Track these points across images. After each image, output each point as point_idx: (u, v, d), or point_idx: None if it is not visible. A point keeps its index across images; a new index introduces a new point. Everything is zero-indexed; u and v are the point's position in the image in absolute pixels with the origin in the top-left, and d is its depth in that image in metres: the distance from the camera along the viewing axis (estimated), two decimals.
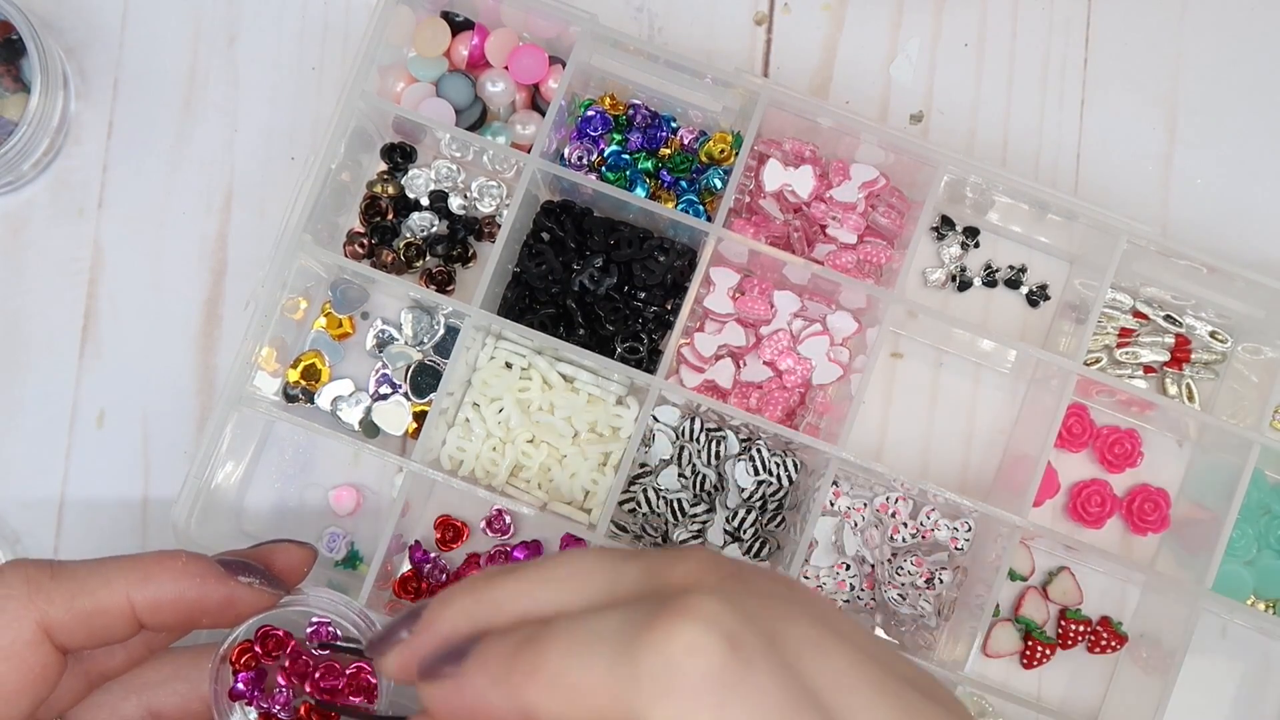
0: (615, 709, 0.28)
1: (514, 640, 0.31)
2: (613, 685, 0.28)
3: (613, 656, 0.28)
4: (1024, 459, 0.58)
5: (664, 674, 0.27)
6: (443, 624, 0.33)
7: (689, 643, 0.27)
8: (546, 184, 0.60)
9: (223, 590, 0.42)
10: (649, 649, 0.27)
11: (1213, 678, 0.61)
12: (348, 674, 0.46)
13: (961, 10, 0.64)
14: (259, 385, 0.59)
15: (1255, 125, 0.63)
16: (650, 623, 0.28)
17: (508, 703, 0.30)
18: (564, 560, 0.33)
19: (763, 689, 0.27)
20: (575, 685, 0.28)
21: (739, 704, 0.27)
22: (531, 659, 0.29)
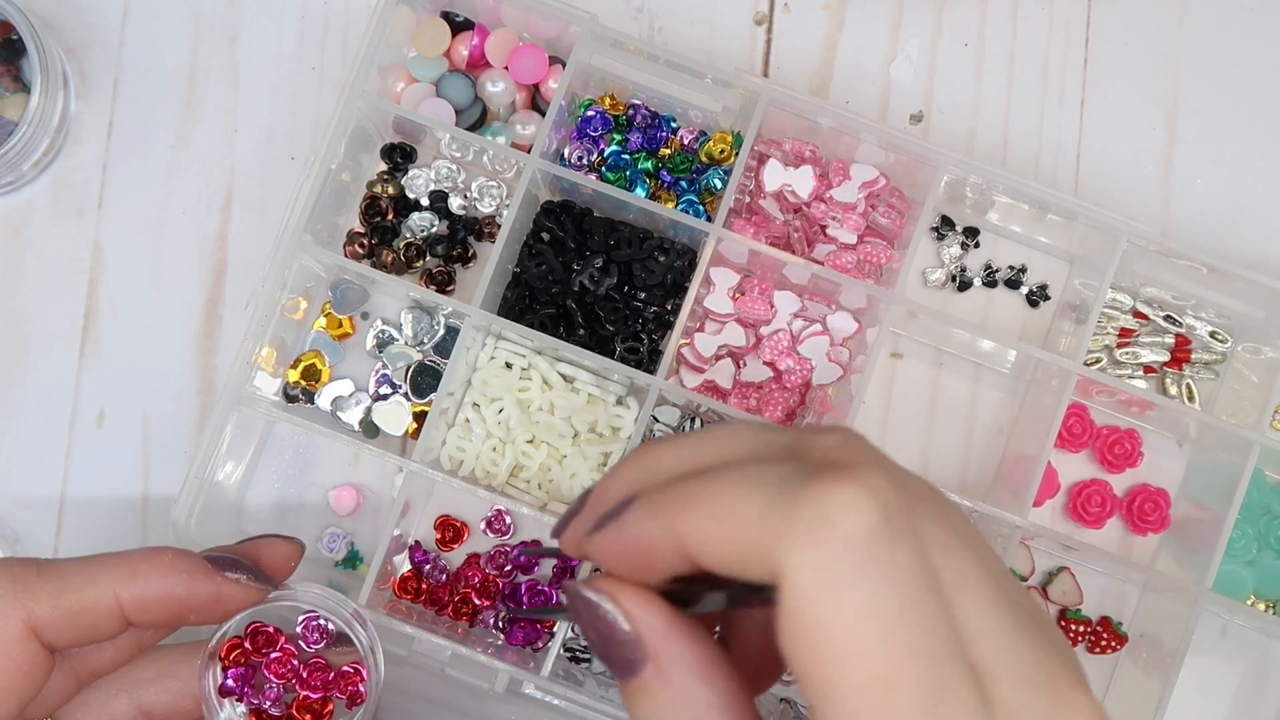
0: (760, 544, 0.28)
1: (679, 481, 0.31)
2: (765, 521, 0.28)
3: (773, 497, 0.28)
4: (1024, 459, 0.58)
5: (817, 522, 0.28)
6: (609, 492, 0.34)
7: (849, 501, 0.28)
8: (546, 184, 0.60)
9: (210, 586, 0.42)
10: (810, 497, 0.28)
11: (1213, 678, 0.61)
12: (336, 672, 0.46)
13: (961, 10, 0.64)
14: (259, 385, 0.59)
15: (1255, 125, 0.63)
16: (817, 475, 0.28)
17: (662, 531, 0.30)
18: (718, 427, 0.34)
19: (902, 564, 0.28)
20: (730, 514, 0.29)
21: (877, 571, 0.27)
22: (692, 490, 0.30)
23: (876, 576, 0.27)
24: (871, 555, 0.27)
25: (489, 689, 0.56)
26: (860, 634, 0.27)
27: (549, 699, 0.56)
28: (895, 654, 0.27)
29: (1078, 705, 0.29)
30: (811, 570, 0.27)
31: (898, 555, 0.28)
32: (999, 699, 0.28)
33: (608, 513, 0.33)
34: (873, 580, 0.27)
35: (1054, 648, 0.30)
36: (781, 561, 0.28)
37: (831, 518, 0.28)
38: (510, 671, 0.55)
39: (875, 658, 0.27)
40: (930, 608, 0.28)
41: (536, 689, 0.56)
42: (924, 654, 0.27)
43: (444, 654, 0.56)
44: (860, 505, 0.28)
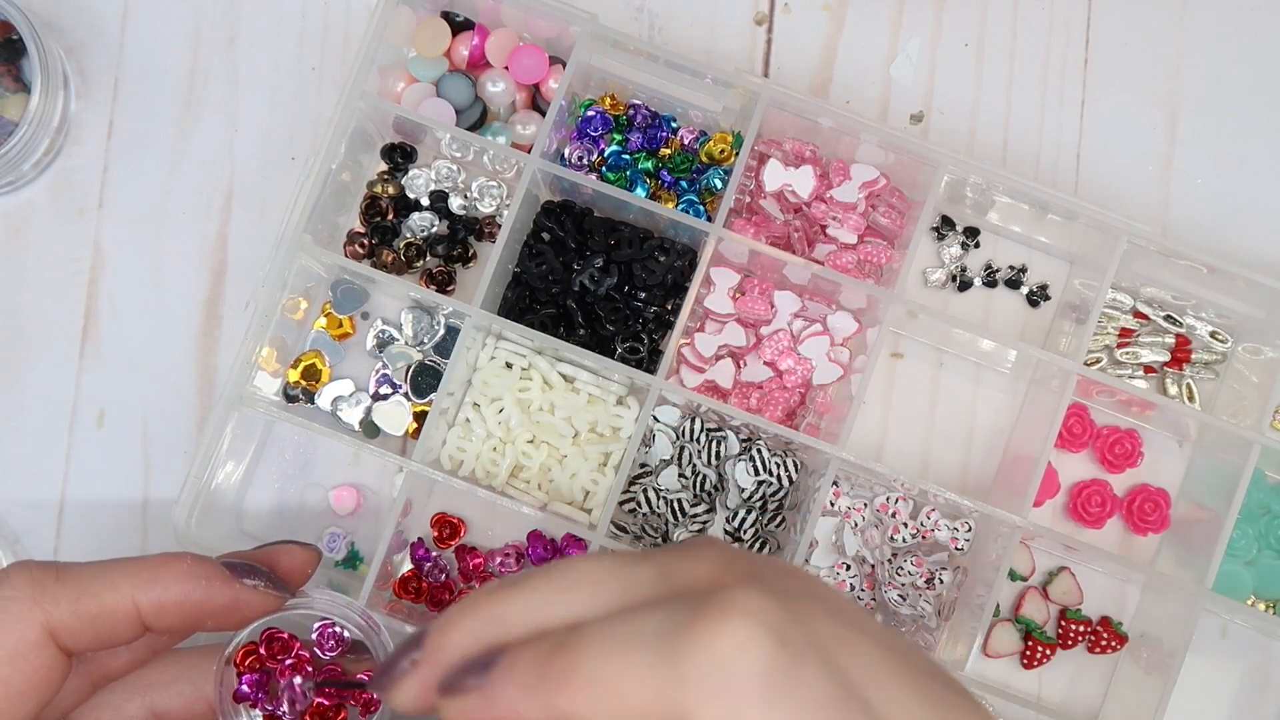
0: (659, 710, 0.27)
1: (544, 647, 0.30)
2: (657, 685, 0.27)
3: (655, 656, 0.27)
4: (1024, 459, 0.58)
5: (712, 672, 0.26)
6: (451, 646, 0.32)
7: (738, 639, 0.27)
8: (546, 184, 0.60)
9: (228, 593, 0.42)
10: (695, 647, 0.27)
11: (1213, 678, 0.61)
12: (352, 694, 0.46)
13: (961, 10, 0.64)
14: (259, 385, 0.59)
15: (1255, 125, 0.63)
16: (693, 621, 0.27)
17: (543, 711, 0.29)
18: (569, 568, 0.32)
19: (811, 684, 0.27)
20: (615, 687, 0.28)
21: (789, 700, 0.26)
22: (566, 663, 0.29)
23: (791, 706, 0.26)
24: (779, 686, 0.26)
25: None
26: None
27: None
28: None
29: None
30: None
31: (804, 676, 0.27)
32: None
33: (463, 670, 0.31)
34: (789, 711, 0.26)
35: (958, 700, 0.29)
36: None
37: (723, 661, 0.26)
38: None
39: None
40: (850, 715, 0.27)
41: None
42: None
43: None
44: (749, 640, 0.27)
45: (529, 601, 0.32)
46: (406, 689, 0.33)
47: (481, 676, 0.30)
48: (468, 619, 0.32)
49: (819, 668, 0.27)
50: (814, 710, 0.26)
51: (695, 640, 0.27)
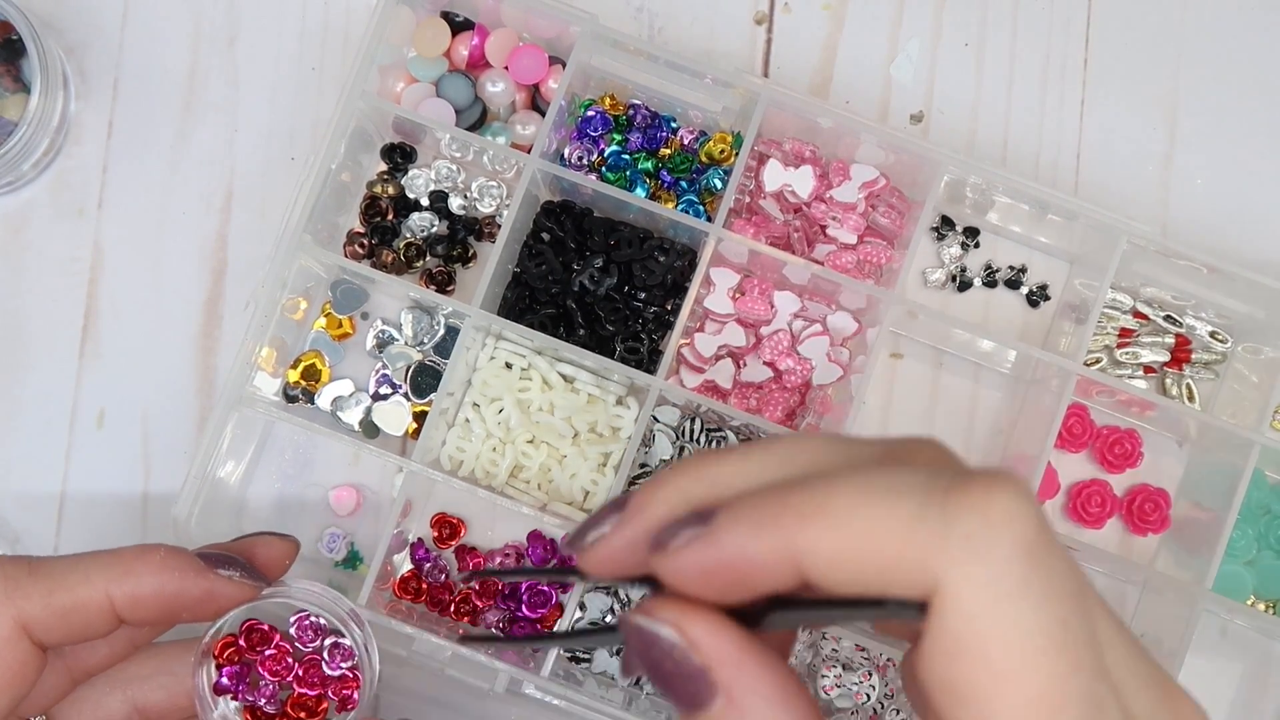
0: (909, 562, 0.26)
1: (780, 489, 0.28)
2: (914, 536, 0.26)
3: (919, 507, 0.26)
4: (1024, 459, 0.58)
5: (978, 534, 0.26)
6: (660, 504, 0.30)
7: (1009, 510, 0.26)
8: (546, 184, 0.60)
9: (202, 583, 0.42)
10: (966, 508, 0.26)
11: (1213, 678, 0.61)
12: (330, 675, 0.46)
13: (961, 10, 0.64)
14: (259, 385, 0.59)
15: (1255, 125, 0.63)
16: (964, 483, 0.26)
17: (776, 547, 0.27)
18: (784, 439, 0.31)
19: (1061, 575, 0.27)
20: (868, 530, 0.27)
21: (1041, 584, 0.26)
22: (813, 501, 0.27)
23: (1041, 590, 0.26)
24: (1035, 567, 0.26)
25: (489, 689, 0.56)
26: (1027, 650, 0.26)
27: (549, 699, 0.56)
28: (1062, 670, 0.26)
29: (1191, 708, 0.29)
30: (974, 585, 0.26)
31: (1057, 566, 0.27)
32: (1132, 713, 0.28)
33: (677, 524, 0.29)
34: (1038, 594, 0.26)
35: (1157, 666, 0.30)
36: (940, 577, 0.26)
37: (994, 529, 0.26)
38: (510, 671, 0.55)
39: (1042, 674, 0.26)
40: (1086, 620, 0.27)
41: (536, 689, 0.56)
42: (1086, 669, 0.26)
43: (444, 654, 0.56)
44: (1020, 514, 0.26)
45: (747, 463, 0.30)
46: (607, 547, 0.31)
47: (700, 525, 0.29)
48: (679, 478, 0.30)
49: (1068, 564, 0.27)
50: (1059, 600, 0.26)
51: (967, 501, 0.26)
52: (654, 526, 0.30)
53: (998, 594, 0.26)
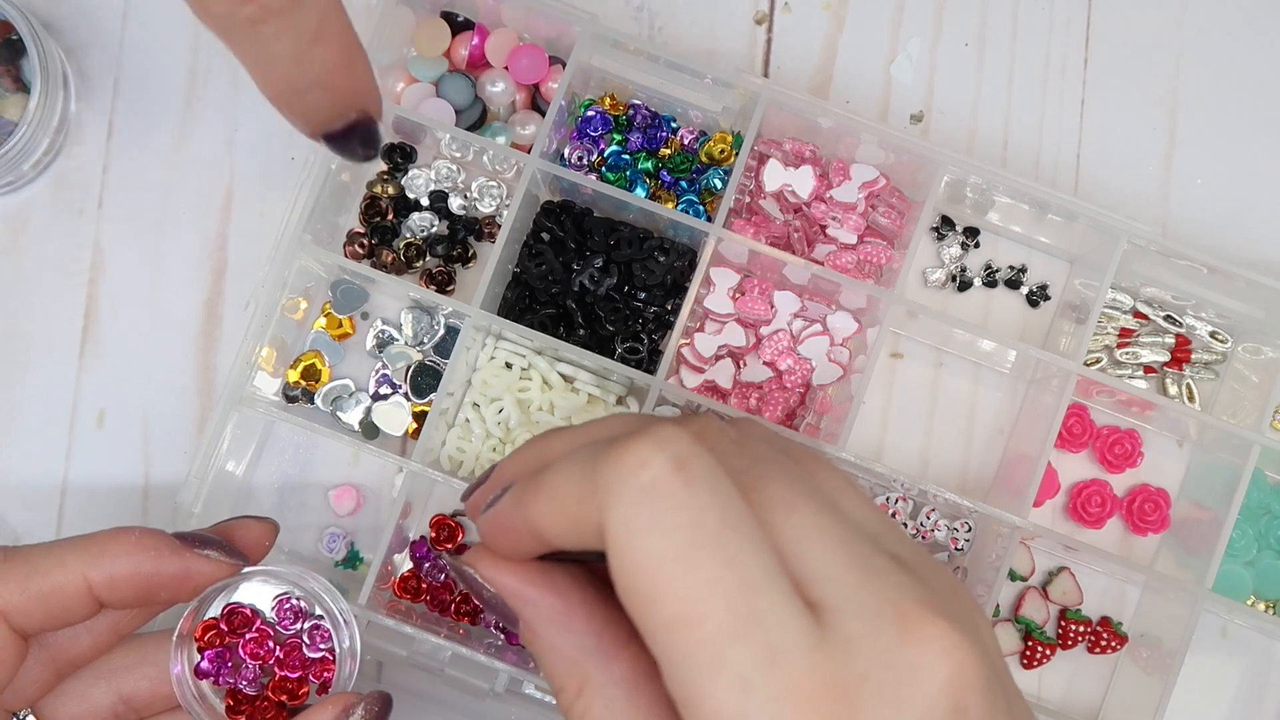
0: (586, 514, 0.31)
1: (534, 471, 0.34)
2: (582, 494, 0.31)
3: (583, 471, 0.31)
4: (1024, 459, 0.58)
5: (614, 483, 0.30)
6: (505, 471, 0.37)
7: (638, 457, 0.30)
8: (546, 184, 0.60)
9: (178, 562, 0.43)
10: (605, 462, 0.30)
11: (1213, 678, 0.61)
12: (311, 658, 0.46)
13: (961, 10, 0.64)
14: (259, 385, 0.59)
15: (1255, 125, 0.63)
16: (616, 442, 0.31)
17: (521, 519, 0.33)
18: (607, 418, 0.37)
19: (696, 505, 0.29)
20: (558, 496, 0.32)
21: (669, 515, 0.29)
22: (537, 480, 0.33)
23: (669, 519, 0.29)
24: (662, 501, 0.29)
25: (489, 689, 0.56)
26: (661, 574, 0.29)
27: (549, 699, 0.56)
28: (693, 587, 0.29)
29: (930, 636, 0.29)
30: (617, 526, 0.30)
31: (690, 498, 0.30)
32: (838, 629, 0.29)
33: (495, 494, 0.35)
34: (665, 523, 0.29)
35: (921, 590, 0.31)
36: (600, 525, 0.30)
37: (622, 474, 0.30)
38: (510, 671, 0.55)
39: (676, 593, 0.29)
40: (730, 542, 0.29)
41: (536, 689, 0.56)
42: (726, 583, 0.29)
43: (444, 654, 0.56)
44: (647, 459, 0.30)
45: (562, 438, 0.36)
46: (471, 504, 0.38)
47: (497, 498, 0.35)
48: (523, 450, 0.38)
49: (712, 496, 0.30)
50: (688, 527, 0.29)
51: (609, 455, 0.31)
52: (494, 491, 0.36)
53: (634, 528, 0.29)
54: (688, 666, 0.28)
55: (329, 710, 0.43)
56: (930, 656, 0.29)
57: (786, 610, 0.29)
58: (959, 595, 0.34)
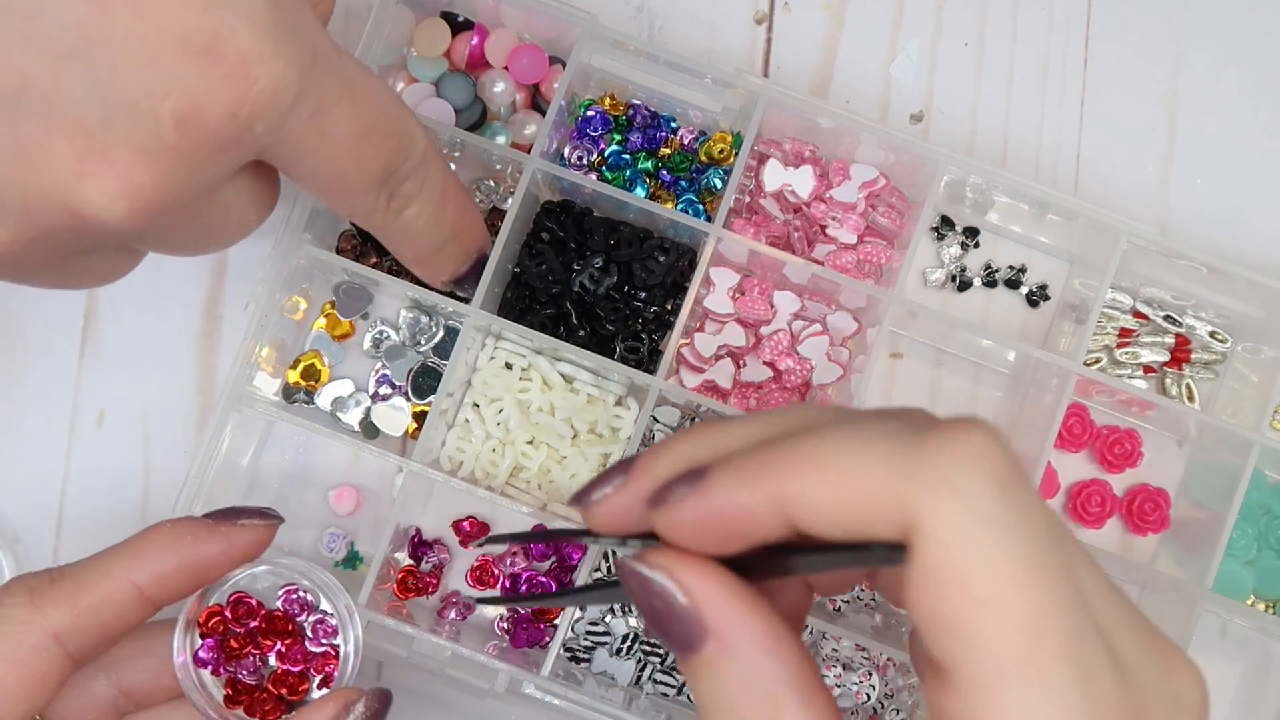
0: (888, 502, 0.27)
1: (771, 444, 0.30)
2: (891, 477, 0.28)
3: (893, 451, 0.28)
4: (1024, 459, 0.58)
5: (950, 470, 0.27)
6: (662, 463, 0.32)
7: (980, 446, 0.27)
8: (546, 184, 0.60)
9: (220, 540, 0.43)
10: (936, 447, 0.28)
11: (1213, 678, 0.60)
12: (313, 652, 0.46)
13: (961, 10, 0.64)
14: (259, 385, 0.59)
15: (1255, 125, 0.63)
16: (935, 426, 0.28)
17: (764, 496, 0.29)
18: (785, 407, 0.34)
19: (1034, 507, 0.28)
20: (848, 474, 0.28)
21: (1015, 515, 0.27)
22: (797, 451, 0.29)
23: (1015, 520, 0.27)
24: (1008, 499, 0.27)
25: (489, 689, 0.56)
26: (1005, 576, 0.27)
27: (549, 699, 0.56)
28: (1042, 597, 0.27)
29: (1185, 663, 0.30)
30: (949, 518, 0.27)
31: (1029, 499, 0.28)
32: (1119, 654, 0.28)
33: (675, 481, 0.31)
34: (1012, 523, 0.27)
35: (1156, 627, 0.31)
36: (916, 512, 0.27)
37: (966, 464, 0.27)
38: (510, 671, 0.55)
39: (1023, 600, 0.27)
40: (1061, 553, 0.28)
41: (536, 689, 0.56)
42: (1066, 599, 0.27)
43: (444, 654, 0.56)
44: (991, 450, 0.27)
45: (746, 427, 0.32)
46: (609, 504, 0.33)
47: (695, 481, 0.30)
48: (680, 443, 0.32)
49: (1039, 500, 0.28)
50: (1033, 530, 0.27)
51: (937, 441, 0.28)
52: (655, 485, 0.31)
53: (972, 523, 0.27)
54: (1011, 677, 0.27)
55: (330, 707, 0.43)
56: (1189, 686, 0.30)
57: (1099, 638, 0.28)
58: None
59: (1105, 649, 0.28)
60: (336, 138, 0.41)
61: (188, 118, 0.36)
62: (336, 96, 0.40)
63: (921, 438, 0.28)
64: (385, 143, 0.43)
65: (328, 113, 0.40)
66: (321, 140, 0.40)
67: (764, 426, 0.32)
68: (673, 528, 0.31)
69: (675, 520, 0.31)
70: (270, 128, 0.38)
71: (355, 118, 0.41)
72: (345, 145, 0.41)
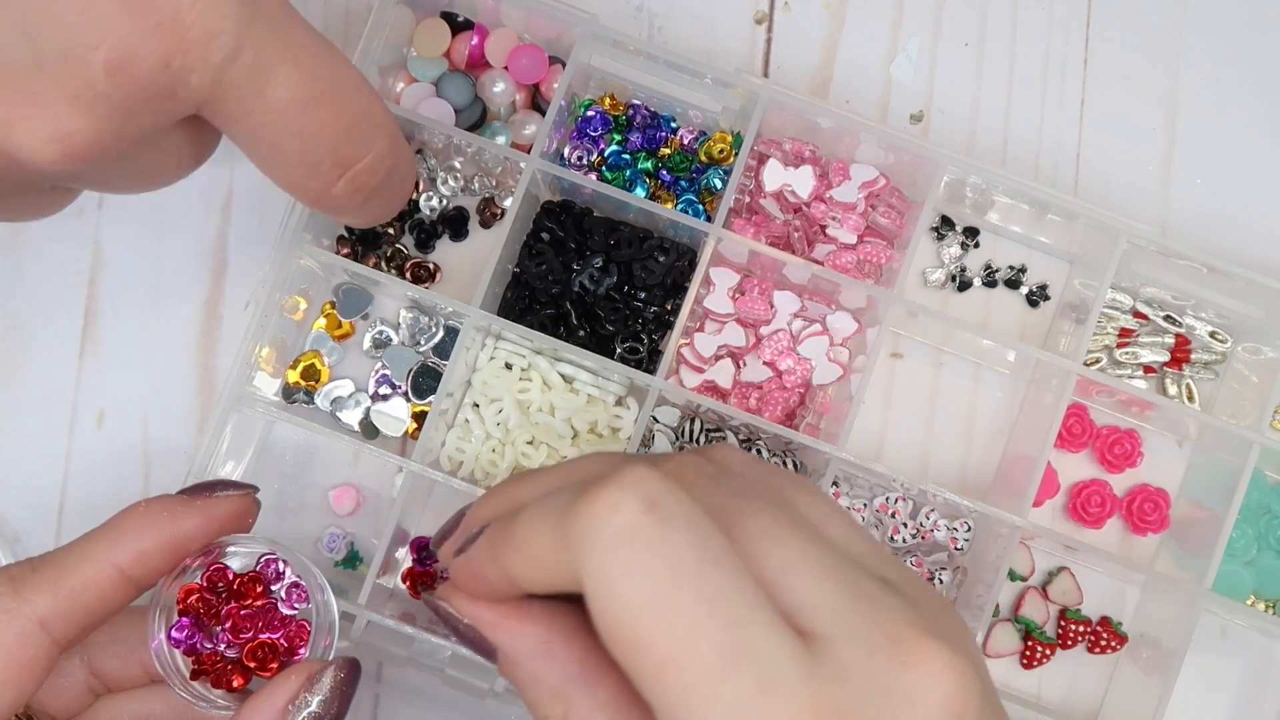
0: (561, 563, 0.31)
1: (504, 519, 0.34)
2: (555, 543, 0.31)
3: (554, 522, 0.31)
4: (1024, 459, 0.58)
5: (587, 532, 0.30)
6: (476, 516, 0.38)
7: (607, 504, 0.30)
8: (546, 184, 0.60)
9: (196, 514, 0.43)
10: (574, 513, 0.31)
11: (1213, 678, 0.61)
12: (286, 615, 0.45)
13: (961, 10, 0.64)
14: (259, 385, 0.59)
15: (1255, 125, 0.63)
16: (585, 491, 0.31)
17: (496, 570, 0.34)
18: (574, 460, 0.38)
19: (672, 545, 0.30)
20: (533, 550, 0.32)
21: (645, 559, 0.29)
22: (507, 532, 0.33)
23: (645, 564, 0.29)
24: (636, 545, 0.29)
25: (489, 689, 0.56)
26: (643, 620, 0.29)
27: None
28: (677, 629, 0.29)
29: (924, 659, 0.30)
30: (594, 575, 0.30)
31: (665, 539, 0.30)
32: (831, 657, 0.29)
33: (466, 539, 0.36)
34: (641, 568, 0.29)
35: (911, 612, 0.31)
36: (577, 576, 0.30)
37: (594, 524, 0.30)
38: None
39: (660, 637, 0.29)
40: (710, 579, 0.29)
41: None
42: (710, 621, 0.29)
43: (444, 654, 0.56)
44: (618, 503, 0.30)
45: (533, 483, 0.37)
46: (443, 551, 0.39)
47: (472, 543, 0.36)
48: (492, 495, 0.38)
49: (690, 533, 0.30)
50: (666, 569, 0.29)
51: (579, 505, 0.31)
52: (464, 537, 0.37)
53: (611, 576, 0.29)
54: (680, 708, 0.28)
55: (293, 679, 0.42)
56: (926, 679, 0.29)
57: (776, 641, 0.29)
58: (949, 616, 0.34)
59: (792, 652, 0.29)
60: (276, 102, 0.40)
61: (119, 67, 0.36)
62: (278, 57, 0.39)
63: (570, 506, 0.31)
64: (334, 119, 0.42)
65: (267, 73, 0.39)
66: (259, 102, 0.40)
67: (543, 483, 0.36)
68: (457, 579, 0.37)
69: (455, 574, 0.37)
70: (206, 81, 0.38)
71: (298, 84, 0.40)
72: (286, 113, 0.40)
